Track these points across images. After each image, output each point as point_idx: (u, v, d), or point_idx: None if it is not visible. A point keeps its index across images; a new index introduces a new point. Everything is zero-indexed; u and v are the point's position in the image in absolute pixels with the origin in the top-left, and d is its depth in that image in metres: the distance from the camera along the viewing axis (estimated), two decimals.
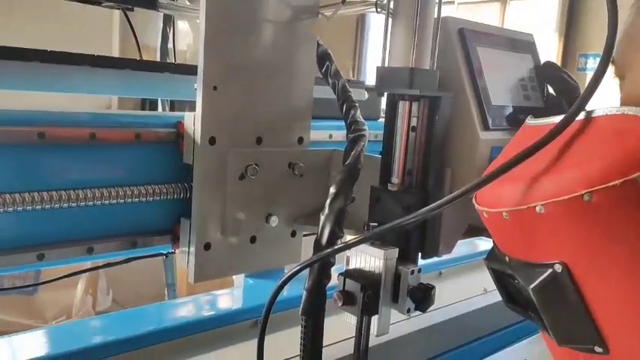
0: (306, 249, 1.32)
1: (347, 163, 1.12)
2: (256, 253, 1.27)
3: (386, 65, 1.10)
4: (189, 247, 1.18)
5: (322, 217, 1.03)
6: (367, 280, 1.04)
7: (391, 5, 1.10)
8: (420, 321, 1.47)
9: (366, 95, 1.71)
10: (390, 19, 1.10)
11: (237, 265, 1.25)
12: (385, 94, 1.13)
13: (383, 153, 1.17)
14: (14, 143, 1.02)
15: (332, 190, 1.06)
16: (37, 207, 1.04)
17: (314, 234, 1.04)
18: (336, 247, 0.96)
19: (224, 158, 1.16)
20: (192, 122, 1.15)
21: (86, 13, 3.76)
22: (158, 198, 1.17)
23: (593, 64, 7.63)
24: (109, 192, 1.12)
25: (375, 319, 1.03)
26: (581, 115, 0.64)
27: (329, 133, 1.55)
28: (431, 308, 1.45)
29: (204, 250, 1.18)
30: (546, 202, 0.58)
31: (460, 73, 1.14)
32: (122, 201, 1.13)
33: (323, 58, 1.31)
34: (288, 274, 0.94)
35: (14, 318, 3.83)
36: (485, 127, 1.13)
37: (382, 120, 1.68)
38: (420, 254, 1.14)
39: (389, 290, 1.06)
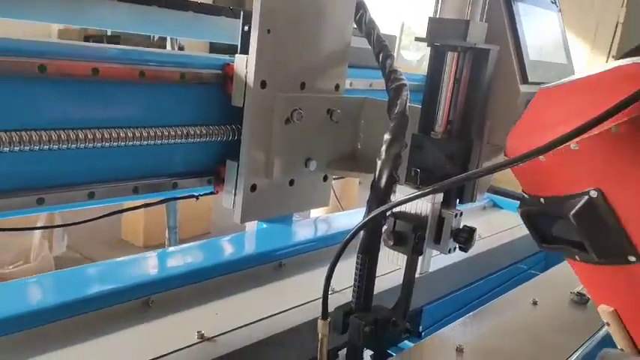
0: None
1: (397, 111, 1.16)
2: (294, 196, 1.31)
3: (437, 17, 1.13)
4: (235, 189, 1.20)
5: (379, 162, 1.08)
6: (416, 221, 1.11)
7: None
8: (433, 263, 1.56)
9: None
10: None
11: (278, 207, 1.28)
12: (430, 45, 1.17)
13: (425, 103, 1.21)
14: (67, 78, 0.99)
15: (387, 136, 1.10)
16: (90, 145, 1.02)
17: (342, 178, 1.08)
18: (403, 198, 0.98)
19: (272, 102, 1.18)
20: (245, 65, 1.15)
21: None
22: (205, 139, 1.17)
23: None
24: (155, 132, 1.11)
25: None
26: (600, 68, 0.72)
27: (349, 81, 1.57)
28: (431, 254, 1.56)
29: (250, 191, 1.20)
30: (580, 139, 0.67)
31: (504, 27, 1.19)
32: (170, 141, 1.13)
33: (358, 7, 1.32)
34: (365, 219, 0.98)
35: None
36: (524, 81, 1.20)
37: None
38: (458, 200, 1.21)
39: (433, 232, 1.13)
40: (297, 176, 1.30)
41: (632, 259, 0.67)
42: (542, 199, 0.80)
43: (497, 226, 1.99)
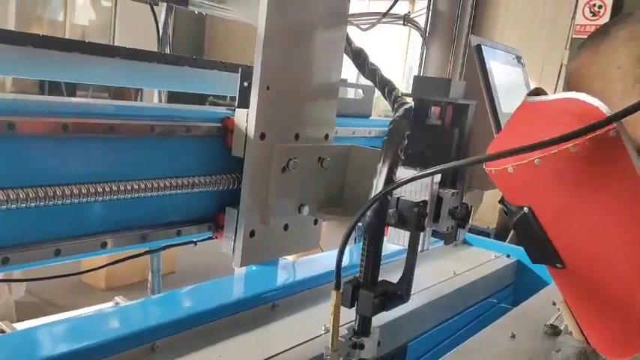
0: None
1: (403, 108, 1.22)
2: (288, 240, 1.37)
3: (422, 75, 1.25)
4: (235, 235, 1.26)
5: (385, 144, 1.12)
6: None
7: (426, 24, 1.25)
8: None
9: (362, 94, 1.86)
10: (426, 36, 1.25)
11: (274, 251, 1.35)
12: (414, 99, 1.29)
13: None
14: (87, 135, 1.04)
15: (391, 126, 1.15)
16: (103, 198, 1.07)
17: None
18: (406, 178, 0.99)
19: (270, 152, 1.25)
20: (245, 118, 1.22)
21: None
22: (207, 188, 1.23)
23: None
24: (159, 183, 1.17)
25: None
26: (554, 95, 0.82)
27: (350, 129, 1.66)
28: (413, 291, 1.63)
29: (249, 237, 1.26)
30: (515, 164, 0.78)
31: (479, 85, 1.32)
32: (175, 191, 1.18)
33: (359, 54, 1.43)
34: (374, 197, 1.02)
35: None
36: (499, 131, 1.32)
37: (373, 118, 1.83)
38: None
39: (432, 211, 1.20)
40: (291, 221, 1.37)
41: (559, 266, 0.79)
42: (511, 207, 0.88)
43: (469, 262, 2.10)
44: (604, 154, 0.70)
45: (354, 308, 1.09)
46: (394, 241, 1.18)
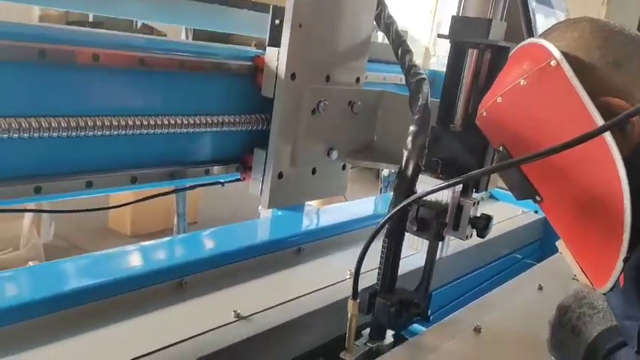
0: None
1: (420, 104, 1.22)
2: (316, 184, 1.36)
3: (460, 15, 1.20)
4: (263, 176, 1.25)
5: (406, 152, 1.14)
6: (438, 209, 1.18)
7: None
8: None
9: None
10: None
11: (301, 194, 1.34)
12: (450, 41, 1.24)
13: (444, 97, 1.28)
14: (119, 68, 1.03)
15: (412, 128, 1.16)
16: (133, 132, 1.06)
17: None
18: (432, 188, 1.03)
19: (301, 93, 1.23)
20: (276, 57, 1.20)
21: None
22: (236, 128, 1.22)
23: None
24: (190, 120, 1.16)
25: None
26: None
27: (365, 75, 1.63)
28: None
29: (277, 179, 1.25)
30: (485, 107, 0.88)
31: (520, 26, 1.26)
32: (204, 129, 1.17)
33: (378, 3, 1.38)
34: (398, 207, 1.03)
35: None
36: None
37: None
38: (474, 189, 1.28)
39: (452, 219, 1.20)
40: (320, 165, 1.36)
41: (538, 198, 0.85)
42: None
43: (495, 216, 2.07)
44: (549, 81, 0.78)
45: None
46: (412, 246, 1.19)
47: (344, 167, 1.44)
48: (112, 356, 0.92)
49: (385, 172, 2.29)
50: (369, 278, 1.14)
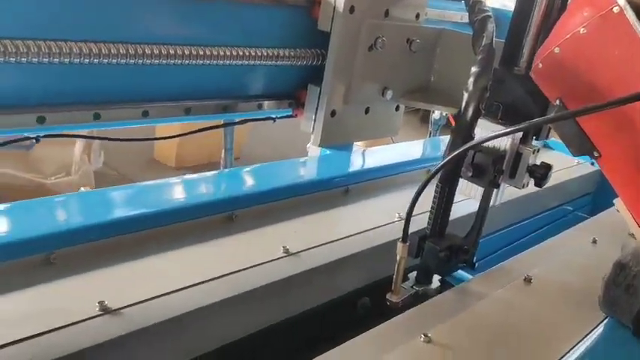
0: None
1: (484, 43, 1.16)
2: (369, 124, 1.33)
3: None
4: (316, 114, 1.23)
5: (466, 95, 1.09)
6: (495, 155, 1.13)
7: None
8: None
9: None
10: None
11: (352, 133, 1.31)
12: None
13: (510, 37, 1.20)
14: None
15: (474, 69, 1.10)
16: (189, 62, 1.04)
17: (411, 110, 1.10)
18: (493, 134, 1.00)
19: (358, 28, 1.18)
20: None
21: None
22: (291, 62, 1.19)
23: None
24: (245, 52, 1.13)
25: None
26: None
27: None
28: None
29: (330, 116, 1.23)
30: (541, 58, 0.85)
31: None
32: (259, 62, 1.14)
33: None
34: (455, 152, 0.99)
35: (13, 171, 3.81)
36: None
37: None
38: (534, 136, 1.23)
39: (509, 166, 1.16)
40: (373, 104, 1.32)
41: (596, 154, 0.83)
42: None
43: None
44: (611, 28, 0.74)
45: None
46: (464, 192, 1.14)
47: (397, 108, 1.40)
48: (164, 284, 0.94)
49: (436, 115, 2.23)
50: (418, 222, 1.13)
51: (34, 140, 1.05)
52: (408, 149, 1.94)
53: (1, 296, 0.84)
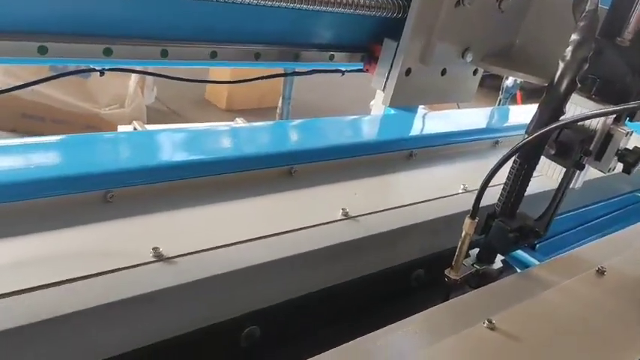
0: None
1: (587, 9, 1.04)
2: (443, 86, 1.24)
3: None
4: (390, 71, 1.14)
5: (562, 64, 0.98)
6: (584, 134, 1.04)
7: None
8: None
9: None
10: None
11: (426, 95, 1.23)
12: None
13: (615, 3, 1.08)
14: None
15: (574, 37, 0.99)
16: (261, 3, 0.97)
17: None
18: (591, 113, 0.91)
19: None
20: None
21: None
22: (370, 12, 1.10)
23: None
24: None
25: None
26: None
27: None
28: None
29: (404, 75, 1.14)
30: None
31: None
32: (338, 10, 1.06)
33: None
34: (543, 130, 0.91)
35: (70, 98, 3.87)
36: None
37: None
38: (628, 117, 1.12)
39: (597, 148, 1.06)
40: (450, 66, 1.22)
41: None
42: None
43: None
44: None
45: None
46: (543, 171, 1.04)
47: (475, 72, 1.30)
48: (220, 236, 0.90)
49: (509, 82, 2.09)
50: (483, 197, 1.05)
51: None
52: (474, 117, 1.83)
53: (58, 231, 0.82)
